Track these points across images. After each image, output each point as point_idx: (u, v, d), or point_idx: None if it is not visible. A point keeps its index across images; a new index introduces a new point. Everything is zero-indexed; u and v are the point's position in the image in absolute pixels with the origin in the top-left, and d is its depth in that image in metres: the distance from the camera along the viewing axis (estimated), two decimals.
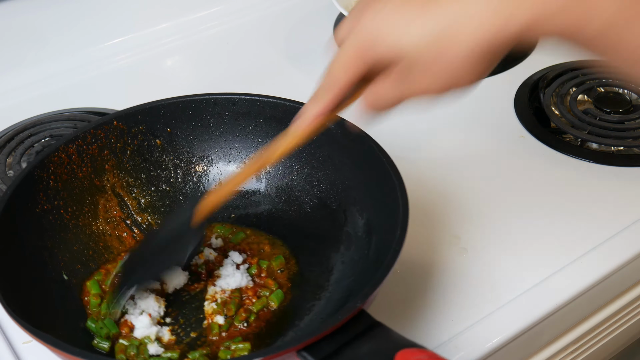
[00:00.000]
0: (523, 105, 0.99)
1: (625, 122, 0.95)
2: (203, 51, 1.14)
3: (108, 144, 0.76)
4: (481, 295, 0.75)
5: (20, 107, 1.01)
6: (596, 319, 0.83)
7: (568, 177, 0.88)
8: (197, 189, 0.80)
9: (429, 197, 0.86)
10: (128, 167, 0.78)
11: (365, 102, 0.57)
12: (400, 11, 0.53)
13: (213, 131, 0.80)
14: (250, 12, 1.20)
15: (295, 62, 1.10)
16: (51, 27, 1.07)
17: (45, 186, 0.71)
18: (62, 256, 0.71)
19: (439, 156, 0.92)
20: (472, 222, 0.82)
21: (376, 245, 0.69)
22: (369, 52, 0.54)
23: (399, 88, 0.55)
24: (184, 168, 0.80)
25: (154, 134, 0.78)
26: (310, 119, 0.59)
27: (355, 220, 0.73)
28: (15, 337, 0.72)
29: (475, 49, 0.51)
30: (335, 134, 0.74)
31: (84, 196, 0.75)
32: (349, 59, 0.56)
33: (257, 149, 0.79)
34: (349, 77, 0.56)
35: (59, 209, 0.72)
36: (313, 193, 0.78)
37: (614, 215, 0.83)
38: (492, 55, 0.52)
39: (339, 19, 1.18)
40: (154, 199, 0.79)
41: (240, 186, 0.68)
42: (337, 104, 0.58)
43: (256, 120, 0.79)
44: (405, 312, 0.73)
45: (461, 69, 0.52)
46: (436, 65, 0.52)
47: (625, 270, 0.79)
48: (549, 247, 0.79)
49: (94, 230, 0.75)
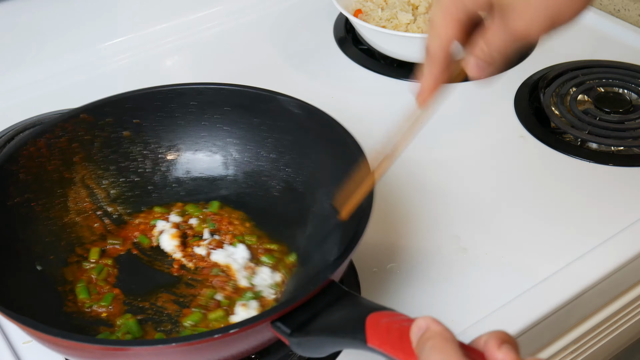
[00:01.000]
0: (523, 105, 0.99)
1: (625, 122, 0.95)
2: (203, 51, 1.14)
3: (77, 136, 0.77)
4: (481, 295, 0.75)
5: (20, 107, 1.01)
6: (596, 319, 0.83)
7: (568, 177, 0.88)
8: (165, 178, 0.81)
9: (429, 196, 0.86)
10: (97, 159, 0.79)
11: (475, 55, 0.55)
12: None
13: (180, 121, 0.81)
14: (250, 12, 1.20)
15: (295, 62, 1.10)
16: (51, 27, 1.07)
17: (15, 179, 0.72)
18: (35, 248, 0.72)
19: (439, 156, 0.92)
20: (472, 222, 0.82)
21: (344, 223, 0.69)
22: (462, 2, 0.53)
23: (501, 32, 0.53)
24: (152, 158, 0.81)
25: (122, 125, 0.79)
26: (427, 85, 0.57)
27: (322, 202, 0.74)
28: (15, 337, 0.72)
29: None
30: (300, 118, 0.76)
31: (54, 189, 0.76)
32: (448, 9, 0.54)
33: (224, 137, 0.81)
34: (453, 25, 0.54)
35: (29, 202, 0.73)
36: (280, 177, 0.79)
37: (613, 215, 0.83)
38: None
39: (339, 19, 1.18)
40: (124, 190, 0.80)
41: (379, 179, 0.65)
42: (448, 57, 0.56)
43: (222, 108, 0.80)
44: (405, 311, 0.73)
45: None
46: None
47: (626, 270, 0.79)
48: (549, 247, 0.80)
49: (65, 221, 0.76)
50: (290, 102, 0.77)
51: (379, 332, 0.52)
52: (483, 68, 0.55)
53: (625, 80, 1.01)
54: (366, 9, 1.09)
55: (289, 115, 0.77)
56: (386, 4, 1.11)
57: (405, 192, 0.84)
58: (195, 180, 0.81)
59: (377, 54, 1.09)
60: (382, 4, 1.11)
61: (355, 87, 1.05)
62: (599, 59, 1.06)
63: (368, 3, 1.10)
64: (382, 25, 1.05)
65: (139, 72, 1.09)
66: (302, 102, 0.76)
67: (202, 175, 0.82)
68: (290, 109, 0.77)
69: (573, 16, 0.50)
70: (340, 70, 1.08)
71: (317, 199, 0.75)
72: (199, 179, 0.81)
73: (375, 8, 1.09)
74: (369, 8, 1.09)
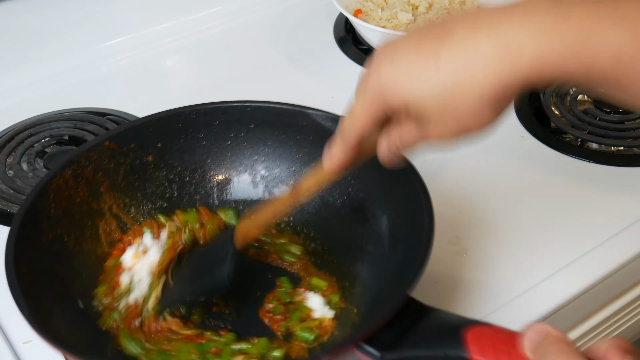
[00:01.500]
0: (523, 105, 0.99)
1: (625, 122, 0.95)
2: (203, 51, 1.14)
3: (101, 165, 0.75)
4: (481, 295, 0.75)
5: (20, 107, 1.01)
6: (596, 319, 0.83)
7: (568, 177, 0.88)
8: (194, 202, 0.79)
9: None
10: (123, 187, 0.76)
11: (387, 144, 0.60)
12: (408, 62, 0.54)
13: (204, 142, 0.79)
14: (250, 12, 1.20)
15: (295, 62, 1.10)
16: (51, 27, 1.07)
17: (47, 215, 0.70)
18: (73, 284, 0.70)
19: (439, 156, 0.92)
20: (473, 223, 0.82)
21: (397, 233, 0.70)
22: (382, 101, 0.56)
23: (415, 133, 0.58)
24: (178, 182, 0.79)
25: (146, 150, 0.77)
26: (336, 157, 0.62)
27: (380, 222, 0.73)
28: (16, 337, 0.72)
29: (482, 97, 0.52)
30: (332, 132, 0.74)
31: (84, 221, 0.73)
32: (366, 105, 0.58)
33: (250, 156, 0.79)
34: (368, 119, 0.58)
35: (62, 237, 0.71)
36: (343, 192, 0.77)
37: (614, 215, 0.83)
38: (500, 102, 0.53)
39: (339, 19, 1.18)
40: (153, 217, 0.77)
41: (273, 219, 0.69)
42: (359, 142, 0.60)
43: (247, 126, 0.78)
44: None
45: (471, 117, 0.53)
46: (446, 115, 0.54)
47: (626, 270, 0.79)
48: (549, 247, 0.79)
49: (98, 254, 0.73)
50: (321, 115, 0.75)
51: (481, 344, 0.52)
52: (392, 158, 0.61)
53: None
54: (366, 9, 1.09)
55: (321, 130, 0.75)
56: (386, 4, 1.11)
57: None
58: (223, 203, 0.79)
59: None
60: (382, 4, 1.11)
61: (355, 87, 1.05)
62: None
63: (368, 3, 1.10)
64: (382, 25, 1.05)
65: (139, 72, 1.09)
66: (333, 114, 0.74)
67: (230, 198, 0.79)
68: (321, 123, 0.75)
69: (480, 129, 0.55)
70: (340, 70, 1.08)
71: (374, 219, 0.73)
72: (228, 201, 0.79)
73: (375, 8, 1.09)
74: (369, 8, 1.09)
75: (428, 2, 1.09)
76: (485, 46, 0.50)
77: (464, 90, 0.52)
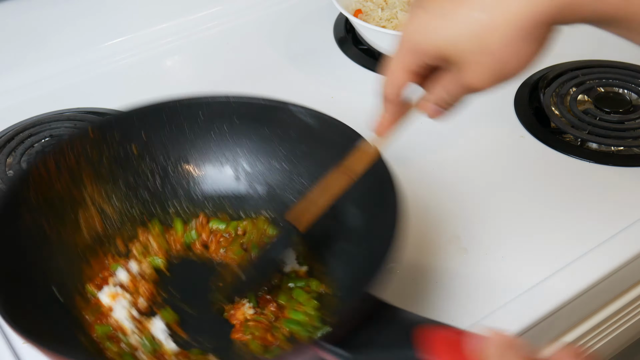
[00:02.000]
0: (523, 105, 0.99)
1: (625, 122, 0.95)
2: (203, 51, 1.14)
3: (84, 153, 0.75)
4: (481, 295, 0.75)
5: (20, 107, 1.01)
6: (596, 319, 0.83)
7: (568, 177, 0.88)
8: (175, 193, 0.79)
9: (429, 197, 0.86)
10: (106, 177, 0.77)
11: (434, 99, 0.60)
12: (440, 6, 0.54)
13: (188, 134, 0.79)
14: (250, 12, 1.20)
15: (295, 62, 1.10)
16: (51, 27, 1.07)
17: (26, 200, 0.70)
18: (50, 271, 0.70)
19: (439, 156, 0.92)
20: (472, 222, 0.82)
21: (370, 231, 0.69)
22: (417, 51, 0.56)
23: (455, 85, 0.58)
24: (161, 174, 0.79)
25: (130, 140, 0.77)
26: (384, 119, 0.63)
27: (349, 214, 0.73)
28: (16, 337, 0.72)
29: (518, 28, 0.52)
30: (314, 129, 0.75)
31: (65, 209, 0.74)
32: (403, 57, 0.58)
33: (233, 150, 0.80)
34: (406, 72, 0.58)
35: (41, 224, 0.71)
36: (295, 188, 0.77)
37: (614, 216, 0.83)
38: (535, 34, 0.53)
39: (339, 19, 1.18)
40: (135, 207, 0.78)
41: (331, 202, 0.68)
42: (400, 100, 0.61)
43: (230, 120, 0.79)
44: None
45: (508, 52, 0.53)
46: (482, 56, 0.54)
47: (626, 270, 0.79)
48: (549, 247, 0.80)
49: (78, 243, 0.74)
50: (302, 112, 0.75)
51: (434, 344, 0.53)
52: (440, 111, 0.61)
53: (625, 80, 1.01)
54: (366, 9, 1.09)
55: (302, 125, 0.75)
56: (386, 4, 1.11)
57: (405, 192, 0.84)
58: (205, 196, 0.80)
59: (377, 54, 1.09)
60: (382, 4, 1.11)
61: (355, 87, 1.05)
62: (599, 59, 1.06)
63: (368, 3, 1.10)
64: (382, 25, 1.05)
65: (139, 72, 1.09)
66: (315, 111, 0.74)
67: (213, 190, 0.80)
68: (301, 118, 0.75)
69: (518, 71, 0.55)
70: (340, 70, 1.08)
71: (343, 212, 0.73)
72: (211, 194, 0.80)
73: (375, 8, 1.09)
74: (369, 8, 1.09)
75: None
76: None
77: (499, 23, 0.52)
